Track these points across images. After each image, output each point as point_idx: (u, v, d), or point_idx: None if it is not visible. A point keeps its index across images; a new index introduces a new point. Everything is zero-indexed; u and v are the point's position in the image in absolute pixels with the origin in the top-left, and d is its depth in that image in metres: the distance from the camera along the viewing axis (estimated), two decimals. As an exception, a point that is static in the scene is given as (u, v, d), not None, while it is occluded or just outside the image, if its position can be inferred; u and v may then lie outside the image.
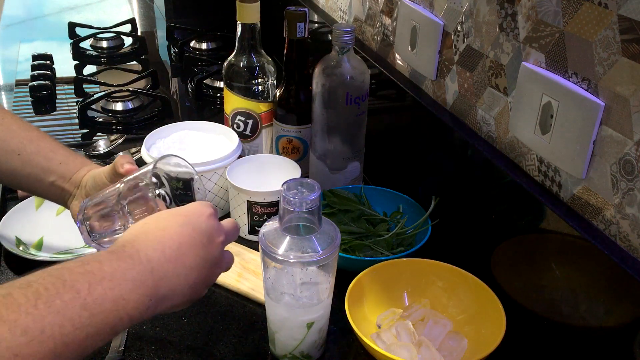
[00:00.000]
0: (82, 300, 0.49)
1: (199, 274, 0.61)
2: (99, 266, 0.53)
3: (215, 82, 1.44)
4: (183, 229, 0.60)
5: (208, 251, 0.61)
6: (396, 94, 1.06)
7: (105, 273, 0.52)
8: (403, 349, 0.72)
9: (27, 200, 0.98)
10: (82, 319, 0.49)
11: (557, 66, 0.70)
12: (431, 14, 0.94)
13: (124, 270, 0.54)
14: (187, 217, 0.61)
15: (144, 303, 0.55)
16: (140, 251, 0.56)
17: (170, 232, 0.59)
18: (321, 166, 1.01)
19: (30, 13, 2.09)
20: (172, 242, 0.59)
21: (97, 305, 0.50)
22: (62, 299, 0.48)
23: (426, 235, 0.89)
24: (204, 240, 0.61)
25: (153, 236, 0.58)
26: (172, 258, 0.58)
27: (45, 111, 1.37)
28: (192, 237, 0.60)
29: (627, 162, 0.62)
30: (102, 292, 0.51)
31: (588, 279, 0.67)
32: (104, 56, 1.65)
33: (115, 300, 0.52)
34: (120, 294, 0.52)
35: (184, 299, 0.60)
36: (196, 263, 0.60)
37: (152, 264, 0.56)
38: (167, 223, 0.60)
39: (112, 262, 0.54)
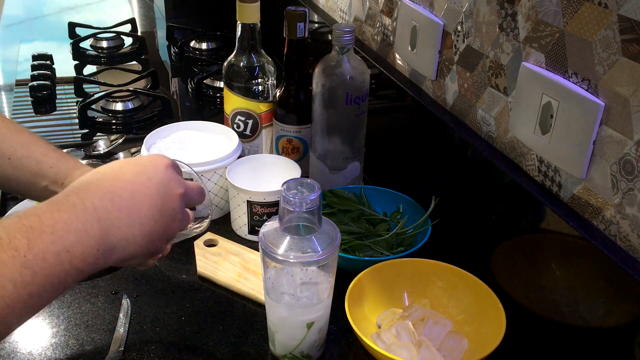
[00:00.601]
0: (22, 258, 0.47)
1: (155, 224, 0.58)
2: (39, 220, 0.49)
3: (215, 82, 1.44)
4: (138, 178, 0.58)
5: (165, 202, 0.59)
6: (396, 94, 1.06)
7: (45, 226, 0.49)
8: (403, 349, 0.72)
9: (27, 200, 0.98)
10: (24, 277, 0.47)
11: (557, 66, 0.70)
12: (431, 14, 0.94)
13: (65, 221, 0.51)
14: (143, 166, 0.59)
15: (91, 254, 0.52)
16: (86, 199, 0.53)
17: (123, 180, 0.57)
18: (321, 166, 1.01)
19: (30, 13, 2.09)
20: (124, 191, 0.56)
21: (38, 262, 0.47)
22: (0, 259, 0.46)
23: (426, 235, 0.89)
24: (160, 191, 0.59)
25: (103, 185, 0.56)
26: (124, 207, 0.55)
27: (45, 111, 1.37)
28: (147, 186, 0.58)
29: (627, 162, 0.62)
30: (42, 247, 0.48)
31: (588, 279, 0.67)
32: (104, 56, 1.65)
33: (59, 254, 0.49)
34: (63, 247, 0.49)
35: (139, 249, 0.58)
36: (152, 213, 0.58)
37: (99, 212, 0.53)
38: (121, 172, 0.58)
39: (53, 214, 0.51)
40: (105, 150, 1.19)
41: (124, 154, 1.16)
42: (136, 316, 0.81)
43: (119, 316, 0.80)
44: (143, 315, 0.81)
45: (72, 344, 0.77)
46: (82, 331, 0.78)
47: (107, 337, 0.77)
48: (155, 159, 0.61)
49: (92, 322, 0.80)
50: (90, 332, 0.78)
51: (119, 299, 0.83)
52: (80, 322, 0.80)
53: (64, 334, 0.78)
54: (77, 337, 0.78)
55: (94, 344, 0.77)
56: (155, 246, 0.60)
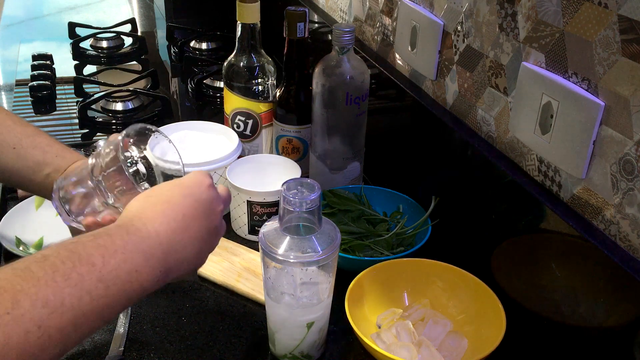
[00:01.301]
0: (98, 273, 0.51)
1: (203, 242, 0.62)
2: (111, 240, 0.54)
3: (215, 82, 1.44)
4: (186, 200, 0.62)
5: (210, 220, 0.63)
6: (396, 94, 1.06)
7: (117, 246, 0.54)
8: (403, 349, 0.72)
9: (27, 200, 0.98)
10: (99, 290, 0.51)
11: (557, 66, 0.70)
12: (431, 14, 0.94)
13: (134, 243, 0.55)
14: (190, 188, 0.63)
15: (155, 275, 0.56)
16: (148, 224, 0.58)
17: (173, 204, 0.61)
18: (321, 166, 1.01)
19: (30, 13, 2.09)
20: (176, 214, 0.60)
21: (112, 277, 0.52)
22: (79, 272, 0.50)
23: (426, 235, 0.89)
24: (206, 211, 0.63)
25: (158, 209, 0.60)
26: (178, 230, 0.60)
27: (45, 111, 1.37)
28: (195, 207, 0.62)
29: (627, 162, 0.62)
30: (115, 265, 0.53)
31: (588, 279, 0.67)
32: (104, 56, 1.65)
33: (129, 272, 0.54)
34: (133, 267, 0.54)
35: (190, 267, 0.62)
36: (200, 233, 0.62)
37: (161, 237, 0.58)
38: (170, 194, 0.62)
39: (123, 236, 0.55)
40: (105, 150, 1.19)
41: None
42: (136, 316, 0.81)
43: (119, 316, 0.80)
44: (143, 315, 0.81)
45: (72, 344, 0.77)
46: (82, 331, 0.78)
47: (107, 337, 0.77)
48: (199, 178, 0.65)
49: (92, 322, 0.80)
50: (90, 332, 0.78)
51: (119, 299, 0.83)
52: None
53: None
54: (77, 337, 0.78)
55: (94, 344, 0.77)
56: (202, 262, 0.64)
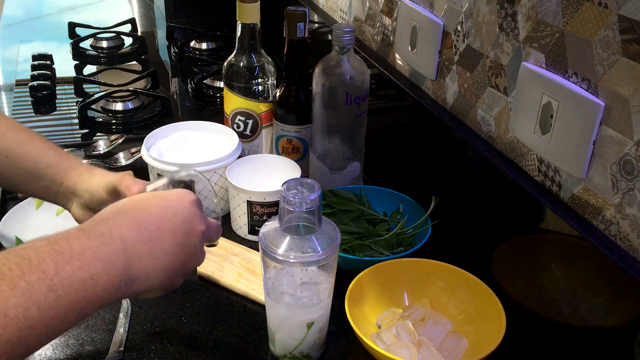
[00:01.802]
0: (49, 281, 0.48)
1: (176, 259, 0.59)
2: (68, 245, 0.51)
3: (215, 82, 1.44)
4: (163, 212, 0.59)
5: (187, 238, 0.60)
6: (396, 94, 1.06)
7: (74, 252, 0.50)
8: (403, 349, 0.72)
9: (27, 200, 0.98)
10: (49, 300, 0.47)
11: (557, 66, 0.70)
12: (431, 14, 0.94)
13: (94, 249, 0.52)
14: (170, 201, 0.60)
15: (113, 284, 0.53)
16: (114, 230, 0.54)
17: (149, 213, 0.58)
18: (321, 166, 1.01)
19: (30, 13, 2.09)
20: (149, 223, 0.57)
21: (64, 287, 0.48)
22: (27, 280, 0.47)
23: (426, 235, 0.89)
24: (184, 227, 0.60)
25: (130, 216, 0.57)
26: (148, 240, 0.56)
27: (45, 111, 1.37)
28: (172, 221, 0.59)
29: (627, 162, 0.62)
30: (70, 273, 0.49)
31: (588, 279, 0.67)
32: (104, 56, 1.65)
33: (84, 281, 0.50)
34: (89, 274, 0.50)
35: (158, 283, 0.58)
36: (173, 249, 0.59)
37: (126, 243, 0.54)
38: (148, 204, 0.59)
39: (82, 241, 0.52)
40: (105, 150, 1.19)
41: (124, 154, 1.16)
42: (136, 316, 0.81)
43: (119, 316, 0.80)
44: (143, 315, 0.81)
45: (72, 344, 0.77)
46: (82, 331, 0.78)
47: (107, 337, 0.77)
48: (181, 194, 0.62)
49: (92, 322, 0.80)
50: (90, 332, 0.78)
51: (119, 299, 0.83)
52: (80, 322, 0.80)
53: (64, 334, 0.78)
54: (77, 337, 0.78)
55: (94, 344, 0.77)
56: (172, 281, 0.61)
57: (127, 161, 1.15)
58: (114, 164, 1.15)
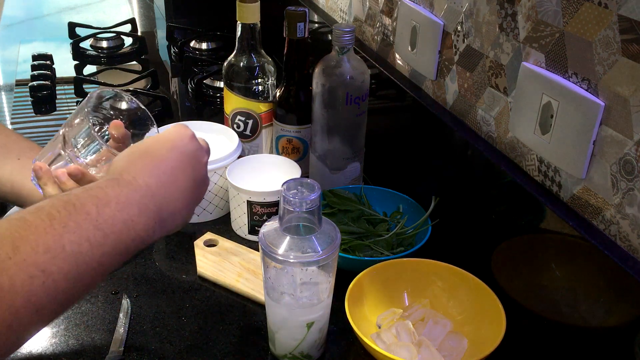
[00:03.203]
0: (94, 222, 0.51)
1: (192, 194, 0.63)
2: (103, 191, 0.54)
3: (215, 82, 1.44)
4: (172, 154, 0.62)
5: (196, 171, 0.64)
6: (396, 94, 1.06)
7: (110, 197, 0.54)
8: (403, 349, 0.72)
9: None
10: (97, 237, 0.51)
11: (557, 66, 0.70)
12: (431, 14, 0.94)
13: (126, 194, 0.55)
14: (173, 141, 0.63)
15: (150, 225, 0.57)
16: (138, 177, 0.58)
17: (160, 157, 0.61)
18: (321, 166, 1.01)
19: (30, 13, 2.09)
20: (165, 167, 0.61)
21: (108, 226, 0.52)
22: (75, 220, 0.50)
23: (426, 235, 0.89)
24: (192, 162, 0.64)
25: (146, 163, 0.60)
26: (168, 183, 0.60)
27: (45, 111, 1.37)
28: (181, 160, 0.62)
29: (627, 162, 0.62)
30: (111, 214, 0.53)
31: (588, 279, 0.67)
32: (104, 56, 1.65)
33: (125, 222, 0.54)
34: (128, 216, 0.54)
35: (182, 219, 0.63)
36: (189, 185, 0.62)
37: (152, 189, 0.58)
38: (155, 149, 0.62)
39: (115, 188, 0.55)
40: (105, 150, 1.19)
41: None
42: (136, 316, 0.81)
43: (119, 316, 0.80)
44: (143, 315, 0.81)
45: (72, 344, 0.77)
46: (82, 331, 0.78)
47: (107, 337, 0.77)
48: (179, 131, 0.65)
49: (92, 322, 0.80)
50: (90, 332, 0.78)
51: (119, 299, 0.83)
52: (80, 322, 0.80)
53: (64, 334, 0.78)
54: (77, 337, 0.78)
55: (94, 344, 0.77)
56: (191, 214, 0.65)
57: (127, 161, 1.15)
58: (114, 164, 1.15)
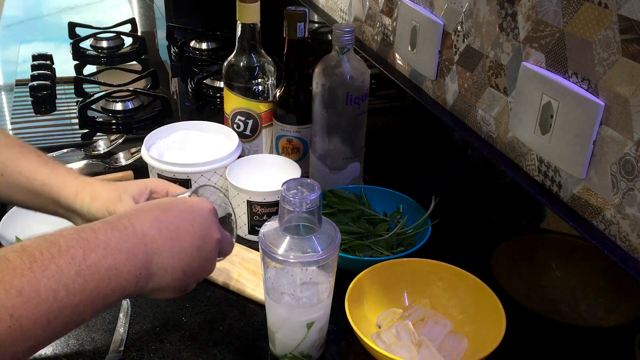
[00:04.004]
0: (77, 267, 0.50)
1: (192, 261, 0.61)
2: (94, 235, 0.53)
3: (215, 82, 1.44)
4: (184, 214, 0.62)
5: (204, 242, 0.63)
6: (396, 94, 1.06)
7: (99, 241, 0.53)
8: (403, 349, 0.72)
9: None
10: (76, 284, 0.50)
11: (557, 66, 0.70)
12: (431, 14, 0.94)
13: (117, 240, 0.54)
14: (190, 206, 0.63)
15: (135, 276, 0.55)
16: (136, 224, 0.57)
17: (170, 213, 0.61)
18: (321, 166, 1.01)
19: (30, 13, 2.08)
20: (170, 223, 0.60)
21: (90, 273, 0.51)
22: (57, 264, 0.49)
23: (426, 235, 0.89)
24: (202, 231, 0.62)
25: (153, 214, 0.60)
26: (169, 238, 0.59)
27: (45, 111, 1.37)
28: (192, 224, 0.62)
29: (627, 162, 0.62)
30: (96, 260, 0.51)
31: (588, 279, 0.67)
32: (104, 56, 1.65)
33: (109, 269, 0.52)
34: (113, 264, 0.53)
35: (172, 282, 0.60)
36: (191, 250, 0.61)
37: (147, 238, 0.57)
38: (170, 206, 0.62)
39: (107, 232, 0.54)
40: (105, 150, 1.19)
41: (124, 154, 1.16)
42: (136, 316, 0.81)
43: (119, 316, 0.80)
44: (143, 315, 0.81)
45: (72, 344, 0.77)
46: (82, 331, 0.78)
47: (107, 337, 0.77)
48: (201, 202, 0.65)
49: (92, 322, 0.80)
50: (90, 332, 0.78)
51: (119, 299, 0.83)
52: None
53: (64, 334, 0.78)
54: (77, 337, 0.78)
55: (94, 344, 0.77)
56: (185, 283, 0.63)
57: (127, 161, 1.15)
58: (114, 164, 1.15)
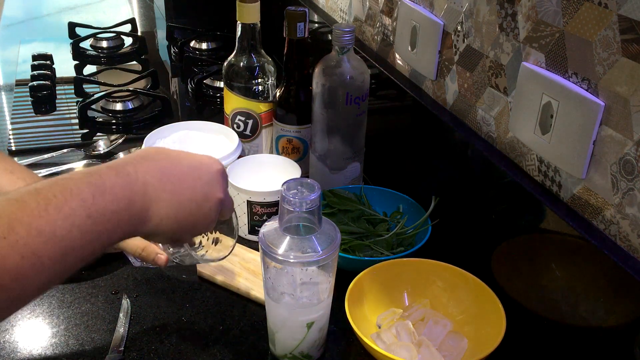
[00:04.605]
0: (87, 210, 0.53)
1: (189, 216, 0.63)
2: (101, 180, 0.56)
3: (215, 82, 1.44)
4: (190, 170, 0.63)
5: (205, 200, 0.64)
6: (396, 94, 1.06)
7: (106, 187, 0.55)
8: (403, 349, 0.72)
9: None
10: (87, 226, 0.53)
11: (557, 66, 0.70)
12: (431, 14, 0.94)
13: (121, 187, 0.57)
14: (199, 163, 0.64)
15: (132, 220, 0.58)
16: (139, 172, 0.59)
17: (176, 167, 0.62)
18: (321, 166, 1.01)
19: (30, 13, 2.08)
20: (174, 175, 0.61)
21: (99, 215, 0.54)
22: (70, 206, 0.52)
23: (426, 235, 0.89)
24: (205, 188, 0.64)
25: (159, 164, 0.61)
26: (169, 190, 0.60)
27: (45, 111, 1.37)
28: (195, 180, 0.63)
29: (627, 162, 0.62)
30: (103, 205, 0.54)
31: (588, 279, 0.67)
32: (104, 56, 1.65)
33: (113, 213, 0.55)
34: (118, 208, 0.56)
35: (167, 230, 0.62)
36: (189, 204, 0.62)
37: (147, 187, 0.59)
38: (178, 159, 0.63)
39: (112, 177, 0.57)
40: (105, 150, 1.19)
41: (124, 154, 1.16)
42: (136, 316, 0.81)
43: (119, 316, 0.80)
44: (143, 315, 0.81)
45: (72, 344, 0.77)
46: (82, 331, 0.78)
47: (107, 337, 0.77)
48: (212, 160, 0.66)
49: (92, 322, 0.80)
50: (90, 332, 0.78)
51: (118, 299, 0.83)
52: (80, 322, 0.80)
53: (64, 334, 0.78)
54: (77, 337, 0.78)
55: (94, 344, 0.77)
56: (180, 235, 0.64)
57: (127, 161, 1.15)
58: (114, 164, 1.15)
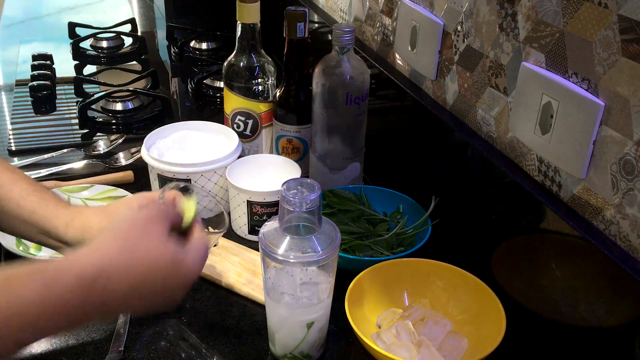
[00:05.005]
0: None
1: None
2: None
3: (215, 82, 1.44)
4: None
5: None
6: (396, 94, 1.06)
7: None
8: (403, 349, 0.72)
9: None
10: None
11: (557, 66, 0.70)
12: (431, 14, 0.94)
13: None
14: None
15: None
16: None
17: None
18: (321, 166, 1.01)
19: (29, 13, 2.08)
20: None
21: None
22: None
23: (426, 235, 0.89)
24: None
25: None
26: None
27: (45, 111, 1.37)
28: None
29: (627, 162, 0.62)
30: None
31: (588, 279, 0.67)
32: (104, 56, 1.65)
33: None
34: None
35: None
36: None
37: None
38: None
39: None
40: (105, 150, 1.19)
41: (124, 154, 1.16)
42: (136, 316, 0.81)
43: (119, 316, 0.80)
44: (143, 316, 0.81)
45: (72, 344, 0.77)
46: (82, 331, 0.78)
47: (107, 337, 0.77)
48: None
49: (92, 322, 0.80)
50: (90, 332, 0.78)
51: (119, 299, 0.83)
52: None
53: (65, 333, 0.78)
54: (77, 337, 0.78)
55: (94, 344, 0.77)
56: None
57: (127, 161, 1.15)
58: (114, 164, 1.15)
